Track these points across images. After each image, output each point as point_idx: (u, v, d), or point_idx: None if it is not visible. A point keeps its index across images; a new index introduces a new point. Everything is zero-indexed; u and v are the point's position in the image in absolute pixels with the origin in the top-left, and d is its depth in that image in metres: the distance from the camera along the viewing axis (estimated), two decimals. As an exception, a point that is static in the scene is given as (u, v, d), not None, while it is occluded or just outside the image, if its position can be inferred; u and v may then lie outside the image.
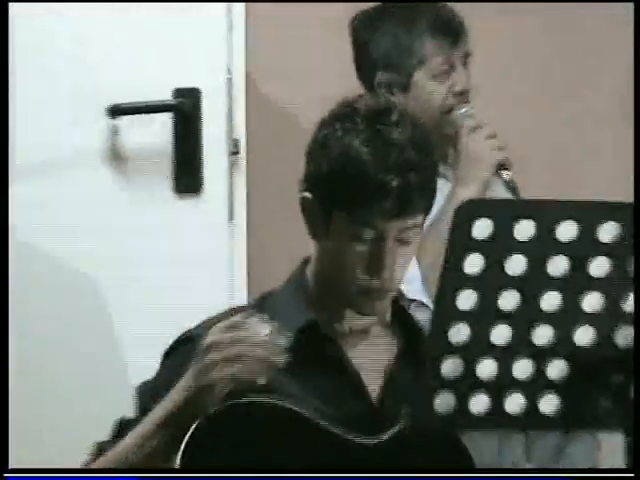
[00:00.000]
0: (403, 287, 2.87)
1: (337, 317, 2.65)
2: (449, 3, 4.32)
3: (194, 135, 4.24)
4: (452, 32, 3.97)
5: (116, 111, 4.14)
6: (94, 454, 2.84)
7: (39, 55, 4.57)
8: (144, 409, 2.71)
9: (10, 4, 3.81)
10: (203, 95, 4.26)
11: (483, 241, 2.16)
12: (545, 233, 2.22)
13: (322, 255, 2.73)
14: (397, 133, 2.73)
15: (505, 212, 2.22)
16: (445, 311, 2.24)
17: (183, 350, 2.79)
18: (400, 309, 2.86)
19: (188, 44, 4.41)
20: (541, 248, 2.23)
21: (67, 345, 4.42)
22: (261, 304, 2.80)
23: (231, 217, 4.27)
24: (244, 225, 4.33)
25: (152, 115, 4.26)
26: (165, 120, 4.22)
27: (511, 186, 3.68)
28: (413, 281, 3.13)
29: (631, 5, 4.99)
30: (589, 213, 2.32)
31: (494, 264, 2.18)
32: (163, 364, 2.79)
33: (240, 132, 4.28)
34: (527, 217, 2.22)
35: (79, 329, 4.42)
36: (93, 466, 2.92)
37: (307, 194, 2.62)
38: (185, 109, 4.24)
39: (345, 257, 2.66)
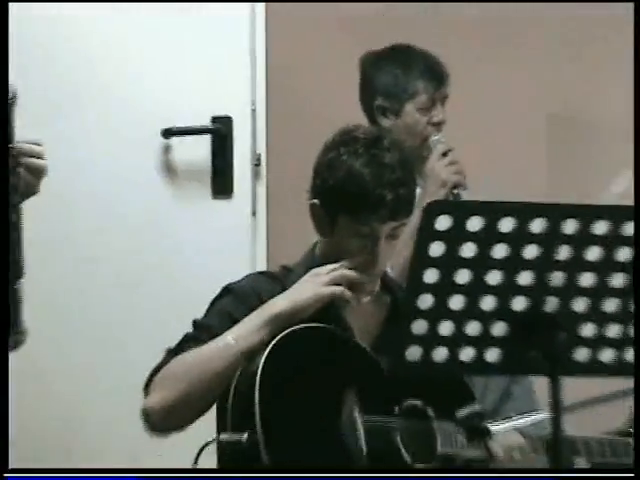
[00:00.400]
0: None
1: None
2: (435, 56, 4.86)
3: (227, 152, 4.66)
4: (437, 78, 4.64)
5: (169, 133, 4.59)
6: (166, 358, 3.33)
7: (105, 84, 4.94)
8: (199, 333, 3.37)
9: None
10: (234, 122, 4.70)
11: (443, 232, 2.46)
12: (490, 226, 2.53)
13: (327, 245, 3.33)
14: (389, 157, 3.27)
15: (460, 210, 2.52)
16: (414, 285, 2.50)
17: (228, 296, 3.47)
18: (388, 283, 3.39)
19: (222, 81, 4.87)
20: (487, 237, 2.50)
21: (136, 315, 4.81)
22: (283, 271, 3.45)
23: (254, 213, 4.70)
24: (264, 220, 4.76)
25: (196, 136, 4.69)
26: (206, 140, 4.67)
27: (457, 199, 4.46)
28: None
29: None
30: (523, 211, 2.63)
31: (451, 249, 2.47)
32: (213, 305, 3.43)
33: (261, 149, 4.72)
34: (476, 214, 2.49)
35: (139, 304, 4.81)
36: (167, 369, 3.37)
37: (316, 201, 3.16)
38: (221, 132, 4.63)
39: (347, 248, 3.26)
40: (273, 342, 3.16)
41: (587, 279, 2.65)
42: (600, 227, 2.62)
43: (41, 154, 3.27)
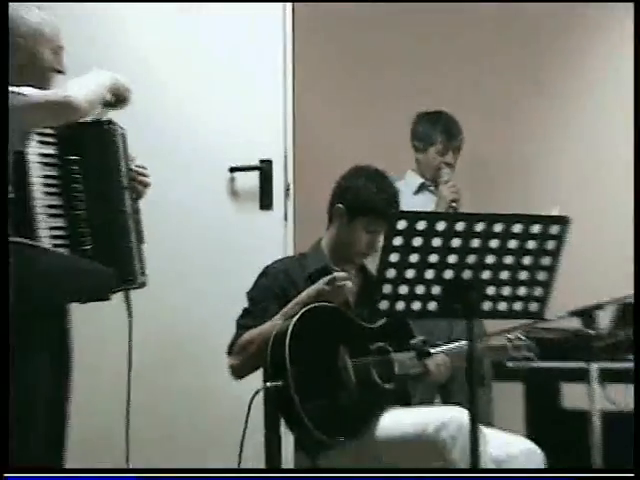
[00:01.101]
0: None
1: (338, 266, 4.12)
2: (455, 118, 5.92)
3: (269, 182, 5.24)
4: (452, 135, 5.76)
5: (233, 169, 5.17)
6: (238, 332, 4.10)
7: (186, 134, 5.49)
8: (254, 308, 4.16)
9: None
10: (273, 163, 5.27)
11: (402, 230, 3.19)
12: (431, 226, 3.22)
13: (338, 237, 4.22)
14: (390, 187, 4.20)
15: (412, 217, 3.21)
16: (384, 263, 3.19)
17: (266, 276, 4.26)
18: (362, 266, 4.34)
19: (267, 136, 5.37)
20: (429, 233, 3.21)
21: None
22: (300, 256, 4.41)
23: (285, 219, 5.26)
24: (292, 223, 5.33)
25: (250, 172, 5.29)
26: (256, 174, 5.29)
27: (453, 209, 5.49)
28: None
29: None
30: (451, 217, 3.65)
31: (407, 241, 3.19)
32: (257, 283, 4.22)
33: (290, 180, 5.31)
34: (422, 219, 3.22)
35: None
36: (241, 339, 4.10)
37: (341, 206, 4.05)
38: (265, 169, 5.22)
39: (358, 239, 4.16)
40: (297, 315, 3.79)
41: (490, 259, 3.29)
42: (498, 227, 3.26)
43: (147, 174, 4.04)
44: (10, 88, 3.71)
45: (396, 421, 3.97)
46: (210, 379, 5.12)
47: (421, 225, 3.31)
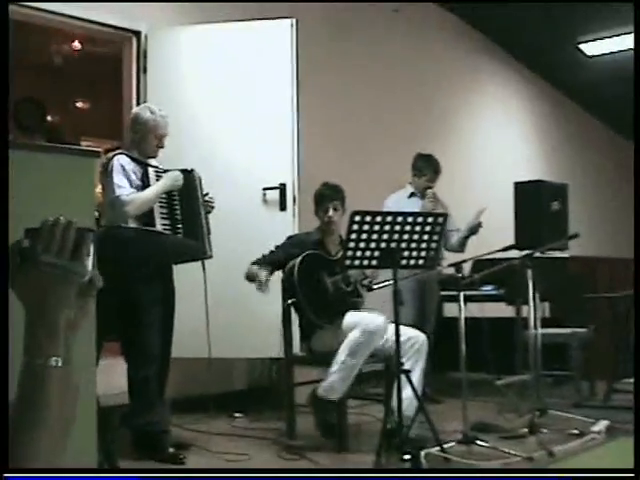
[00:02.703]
0: None
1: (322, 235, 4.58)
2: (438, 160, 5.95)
3: (284, 196, 5.29)
4: (434, 170, 5.95)
5: (264, 188, 5.29)
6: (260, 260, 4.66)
7: (226, 161, 5.36)
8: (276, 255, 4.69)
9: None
10: (287, 185, 5.32)
11: (357, 221, 3.73)
12: (373, 219, 3.75)
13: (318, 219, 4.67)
14: (331, 188, 4.72)
15: (361, 213, 3.75)
16: (347, 239, 3.78)
17: (289, 239, 4.74)
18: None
19: (284, 165, 5.35)
20: (372, 224, 3.76)
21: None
22: (306, 233, 4.79)
23: (294, 216, 5.27)
24: (297, 218, 5.28)
25: (274, 190, 5.31)
26: (276, 192, 5.30)
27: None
28: None
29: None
30: (393, 215, 3.88)
31: (360, 228, 3.74)
32: (284, 242, 4.74)
33: (296, 194, 5.31)
34: (367, 214, 3.76)
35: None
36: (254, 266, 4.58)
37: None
38: (282, 189, 5.30)
39: (321, 218, 4.63)
40: (299, 258, 4.47)
41: (405, 236, 3.84)
42: (409, 219, 3.83)
43: (213, 201, 4.47)
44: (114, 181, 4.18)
45: (349, 319, 4.51)
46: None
47: (368, 218, 3.88)
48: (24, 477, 1.31)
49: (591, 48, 8.84)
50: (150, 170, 4.32)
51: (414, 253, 3.97)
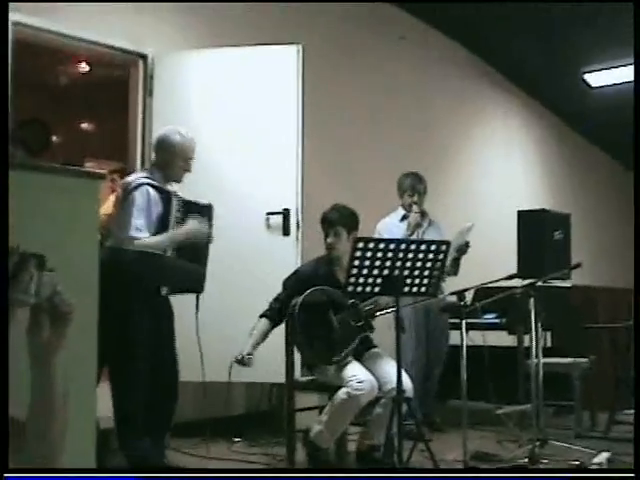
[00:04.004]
0: None
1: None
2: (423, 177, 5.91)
3: (288, 220, 5.25)
4: (413, 186, 5.88)
5: (268, 213, 5.19)
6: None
7: (230, 186, 5.34)
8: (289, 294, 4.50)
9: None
10: (291, 210, 5.26)
11: (360, 248, 3.70)
12: (377, 245, 3.72)
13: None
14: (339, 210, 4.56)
15: (364, 240, 3.75)
16: (350, 266, 3.75)
17: (294, 275, 4.60)
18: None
19: (287, 192, 5.33)
20: (375, 250, 3.73)
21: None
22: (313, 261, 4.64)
23: (297, 240, 5.22)
24: (300, 244, 5.24)
25: (278, 215, 5.27)
26: (280, 217, 5.26)
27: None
28: None
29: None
30: (396, 242, 3.87)
31: (363, 253, 3.69)
32: (285, 283, 4.59)
33: (299, 219, 5.28)
34: (370, 241, 3.75)
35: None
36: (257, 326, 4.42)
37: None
38: (286, 214, 5.27)
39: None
40: (302, 296, 4.34)
41: (408, 264, 3.83)
42: (412, 246, 3.80)
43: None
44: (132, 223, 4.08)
45: (341, 372, 4.33)
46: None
47: (371, 245, 3.85)
48: (24, 477, 1.38)
49: (595, 79, 8.86)
50: (173, 202, 4.21)
51: (416, 280, 3.93)
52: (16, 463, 1.33)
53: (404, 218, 5.93)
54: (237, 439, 5.35)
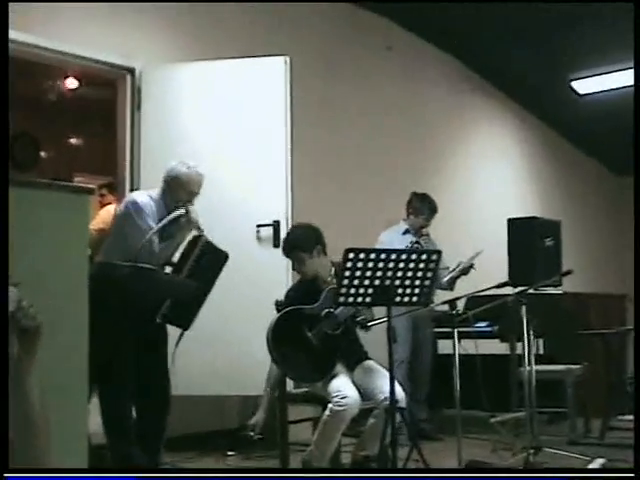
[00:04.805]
0: None
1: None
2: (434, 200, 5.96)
3: (278, 232, 5.19)
4: (431, 209, 6.01)
5: (259, 225, 5.22)
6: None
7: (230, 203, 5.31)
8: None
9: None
10: (281, 223, 5.21)
11: (350, 258, 3.61)
12: (367, 257, 3.65)
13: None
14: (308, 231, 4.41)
15: (355, 250, 3.65)
16: (341, 276, 3.68)
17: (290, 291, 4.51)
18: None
19: (277, 206, 5.28)
20: (366, 261, 3.65)
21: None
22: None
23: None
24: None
25: (268, 227, 5.22)
26: (270, 228, 5.22)
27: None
28: None
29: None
30: (387, 252, 3.79)
31: (354, 264, 3.62)
32: (287, 296, 4.49)
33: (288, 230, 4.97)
34: (361, 252, 3.65)
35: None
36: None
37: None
38: (276, 226, 5.22)
39: None
40: (271, 323, 4.21)
41: (399, 273, 3.75)
42: (403, 256, 3.74)
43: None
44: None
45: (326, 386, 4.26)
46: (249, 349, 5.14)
47: (362, 255, 3.79)
48: (24, 477, 1.39)
49: (583, 86, 8.90)
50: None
51: (408, 290, 3.89)
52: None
53: (407, 232, 6.01)
54: (230, 453, 5.32)
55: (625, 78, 8.29)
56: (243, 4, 6.40)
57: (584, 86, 8.91)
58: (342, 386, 4.18)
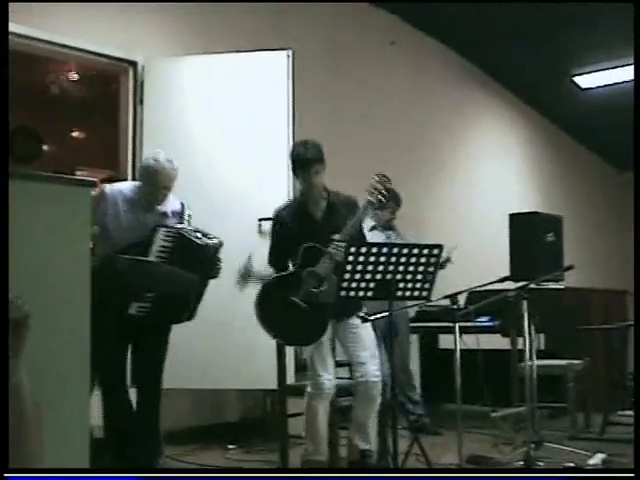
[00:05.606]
0: None
1: None
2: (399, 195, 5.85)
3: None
4: (396, 202, 5.92)
5: (260, 219, 5.22)
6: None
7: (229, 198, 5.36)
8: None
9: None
10: None
11: (352, 252, 3.65)
12: (369, 251, 3.65)
13: None
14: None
15: (355, 245, 3.70)
16: (342, 272, 3.69)
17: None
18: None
19: (275, 198, 4.97)
20: (367, 255, 3.68)
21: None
22: None
23: None
24: None
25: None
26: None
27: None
28: None
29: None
30: (389, 246, 3.80)
31: (356, 258, 3.65)
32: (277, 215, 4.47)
33: None
34: (362, 247, 3.69)
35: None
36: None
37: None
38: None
39: None
40: (257, 295, 4.20)
41: (400, 268, 3.79)
42: (404, 250, 3.76)
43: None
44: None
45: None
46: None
47: (363, 250, 3.83)
48: (24, 477, 1.39)
49: (585, 81, 8.90)
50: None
51: (409, 284, 3.92)
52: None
53: (373, 228, 5.95)
54: (231, 446, 5.34)
55: (627, 73, 8.28)
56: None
57: (586, 81, 8.88)
58: (316, 369, 4.24)
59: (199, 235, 4.31)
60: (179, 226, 4.32)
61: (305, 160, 4.36)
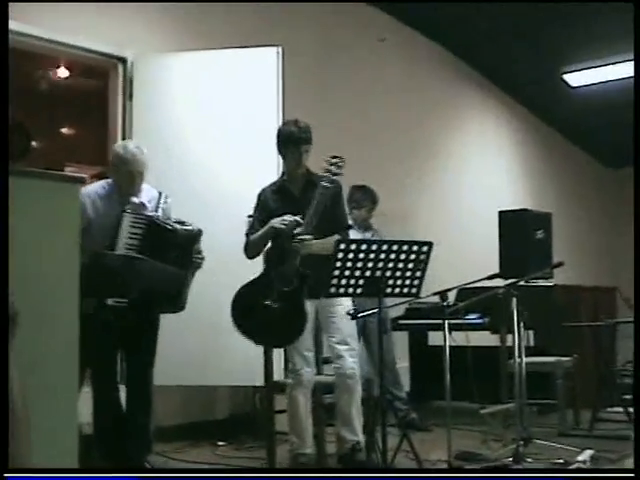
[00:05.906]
0: None
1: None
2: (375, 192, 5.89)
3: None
4: (372, 200, 5.96)
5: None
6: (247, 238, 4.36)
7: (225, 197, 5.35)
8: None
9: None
10: None
11: (341, 249, 3.66)
12: (358, 248, 3.65)
13: None
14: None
15: (346, 241, 3.72)
16: (332, 267, 3.67)
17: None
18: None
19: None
20: (357, 251, 3.67)
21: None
22: None
23: None
24: None
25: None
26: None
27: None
28: None
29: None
30: (378, 243, 3.81)
31: (346, 254, 3.64)
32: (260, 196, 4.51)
33: None
34: (351, 243, 3.69)
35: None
36: (249, 240, 4.27)
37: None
38: None
39: None
40: (232, 303, 4.21)
41: (390, 264, 3.78)
42: (394, 247, 3.76)
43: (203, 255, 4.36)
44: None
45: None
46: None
47: (353, 246, 3.84)
48: (24, 477, 1.36)
49: (575, 79, 8.91)
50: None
51: (399, 281, 3.92)
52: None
53: (349, 227, 5.86)
54: (221, 443, 5.35)
55: (617, 70, 8.31)
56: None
57: (576, 79, 8.89)
58: (296, 361, 4.28)
59: (171, 222, 4.26)
60: (149, 213, 4.26)
61: (297, 139, 4.39)
